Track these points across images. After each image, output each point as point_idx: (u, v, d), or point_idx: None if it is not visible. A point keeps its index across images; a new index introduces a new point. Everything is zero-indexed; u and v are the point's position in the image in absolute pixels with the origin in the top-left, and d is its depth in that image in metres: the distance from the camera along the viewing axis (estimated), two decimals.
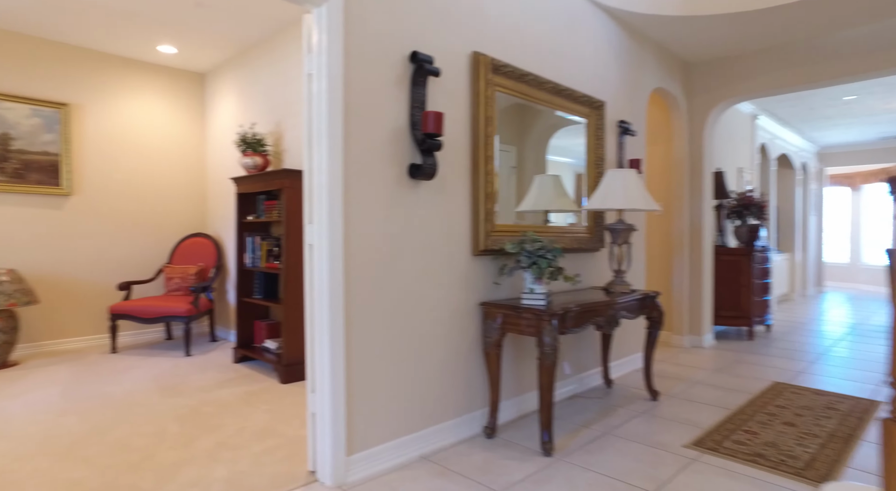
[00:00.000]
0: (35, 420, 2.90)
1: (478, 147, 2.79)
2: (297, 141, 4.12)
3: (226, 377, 3.73)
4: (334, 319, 2.19)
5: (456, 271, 2.70)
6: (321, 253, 2.21)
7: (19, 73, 4.32)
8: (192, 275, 4.77)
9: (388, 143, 2.41)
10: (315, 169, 2.26)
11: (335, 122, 2.20)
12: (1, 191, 4.23)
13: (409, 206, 2.49)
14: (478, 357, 2.81)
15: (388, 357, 2.40)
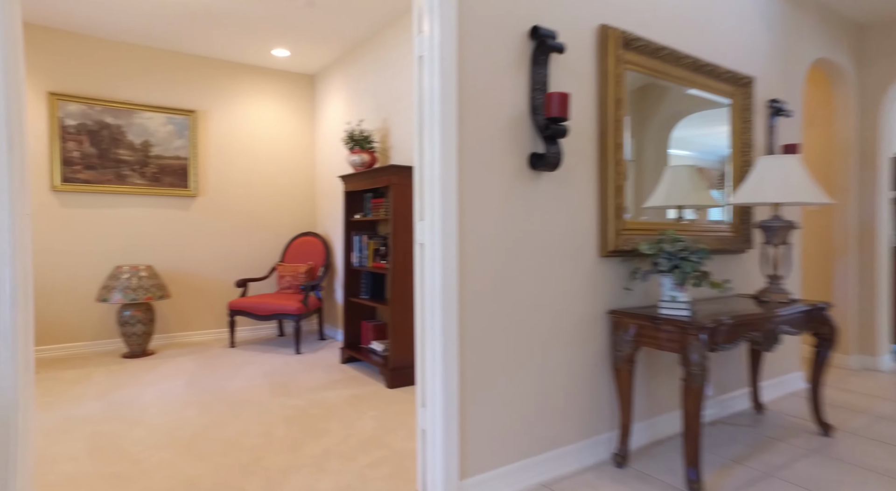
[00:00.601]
0: (164, 410, 3.01)
1: (606, 133, 2.44)
2: (405, 137, 4.00)
3: (333, 378, 3.69)
4: (447, 327, 1.97)
5: (581, 274, 2.37)
6: (433, 253, 2.00)
7: (157, 84, 4.64)
8: (302, 273, 4.86)
9: (505, 130, 2.15)
10: (426, 161, 2.05)
11: (448, 108, 1.98)
12: (142, 193, 4.57)
13: (529, 200, 2.21)
14: (605, 372, 2.46)
15: (504, 370, 2.14)
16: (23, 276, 1.31)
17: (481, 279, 2.08)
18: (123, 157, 4.51)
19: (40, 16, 3.94)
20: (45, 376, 3.70)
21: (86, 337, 4.38)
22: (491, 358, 2.10)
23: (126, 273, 4.11)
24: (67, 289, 4.31)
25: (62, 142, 4.26)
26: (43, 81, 4.20)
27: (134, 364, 4.02)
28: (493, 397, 2.11)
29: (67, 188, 4.27)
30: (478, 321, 2.07)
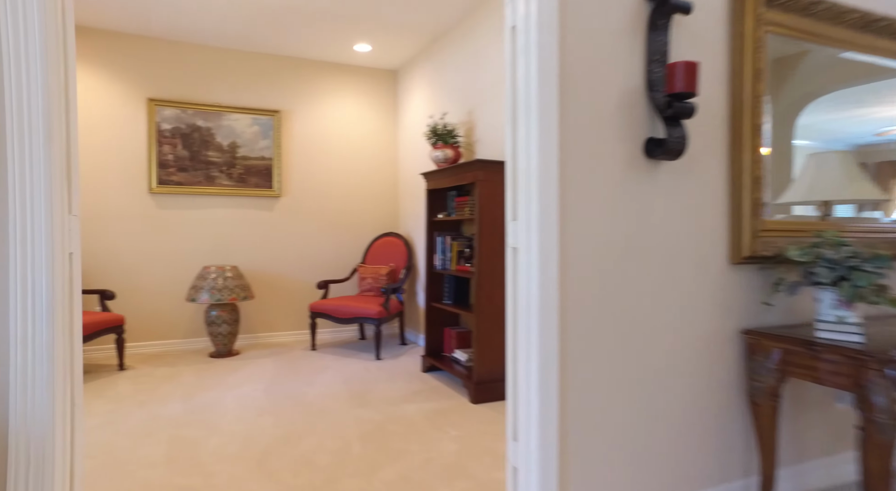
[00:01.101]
0: (240, 417, 2.92)
1: (741, 113, 1.99)
2: (493, 129, 3.69)
3: (413, 389, 3.46)
4: (545, 349, 1.64)
5: (707, 285, 1.94)
6: (529, 259, 1.68)
7: (244, 86, 4.68)
8: (383, 275, 4.70)
9: (615, 112, 1.78)
10: (520, 151, 1.73)
11: (547, 87, 1.65)
12: (228, 194, 4.63)
13: (644, 195, 1.82)
14: (737, 406, 2.00)
15: (612, 400, 1.77)
16: (62, 286, 1.15)
17: (586, 291, 1.72)
18: (212, 158, 4.58)
19: (141, 26, 4.06)
20: (140, 372, 3.79)
21: (178, 335, 4.50)
22: (596, 385, 1.74)
23: (213, 273, 4.15)
24: (162, 288, 4.44)
25: (158, 145, 4.39)
26: (143, 88, 4.35)
27: (219, 364, 4.04)
28: (599, 432, 1.75)
29: (162, 190, 4.40)
30: (581, 341, 1.72)
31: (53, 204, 1.12)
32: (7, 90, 1.09)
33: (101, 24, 4.08)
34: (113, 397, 3.25)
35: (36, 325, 1.09)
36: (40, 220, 1.10)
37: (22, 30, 1.09)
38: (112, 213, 4.28)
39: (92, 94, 4.20)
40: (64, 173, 1.20)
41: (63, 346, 1.16)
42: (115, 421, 2.87)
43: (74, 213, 1.25)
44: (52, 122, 1.12)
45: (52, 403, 1.12)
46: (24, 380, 1.10)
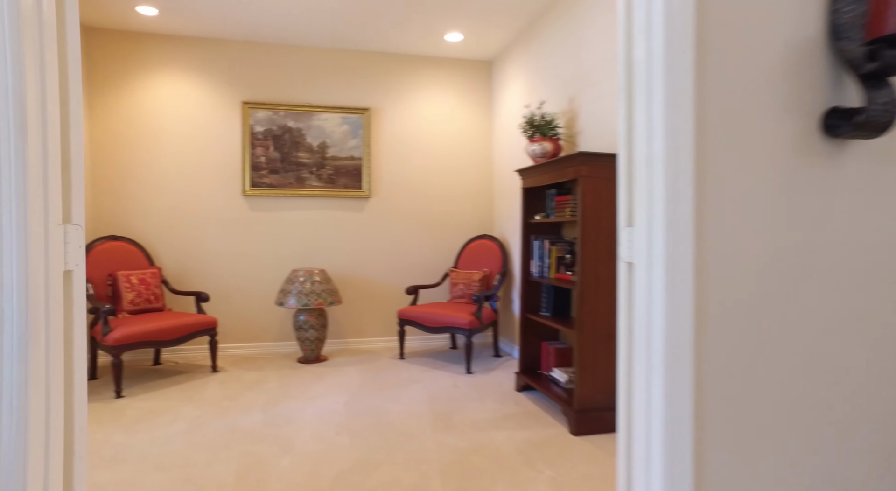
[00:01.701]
0: (318, 435, 2.72)
1: None
2: (597, 118, 3.20)
3: (505, 411, 3.07)
4: (673, 401, 1.18)
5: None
6: (649, 278, 1.23)
7: (332, 85, 4.57)
8: (476, 281, 4.35)
9: (778, 75, 1.27)
10: (638, 136, 1.29)
11: (677, 45, 1.19)
12: (318, 195, 4.54)
13: (824, 189, 1.29)
14: None
15: (775, 471, 1.26)
16: (45, 311, 0.92)
17: (734, 323, 1.24)
18: (302, 159, 4.52)
19: (234, 31, 4.07)
20: (230, 375, 3.77)
21: (269, 338, 4.48)
22: (750, 453, 1.25)
23: (301, 277, 4.05)
24: (253, 290, 4.45)
25: (252, 148, 4.41)
26: (238, 92, 4.38)
27: (305, 371, 3.93)
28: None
29: (254, 193, 4.40)
30: (727, 391, 1.24)
31: (31, 213, 0.89)
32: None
33: (198, 33, 4.15)
34: (200, 402, 3.22)
35: (4, 365, 0.86)
36: (12, 231, 0.86)
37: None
38: (209, 215, 4.36)
39: (191, 101, 4.29)
40: (57, 178, 0.97)
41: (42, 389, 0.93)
42: (198, 429, 2.79)
43: (76, 222, 1.02)
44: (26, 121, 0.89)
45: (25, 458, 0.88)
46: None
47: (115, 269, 3.85)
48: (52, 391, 0.94)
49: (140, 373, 3.87)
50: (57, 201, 0.97)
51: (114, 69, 4.15)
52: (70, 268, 1.01)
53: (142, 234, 4.22)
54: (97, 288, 3.71)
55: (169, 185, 4.27)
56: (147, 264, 4.06)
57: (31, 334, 0.88)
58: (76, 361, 1.02)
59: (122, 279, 3.75)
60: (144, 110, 4.22)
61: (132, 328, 3.34)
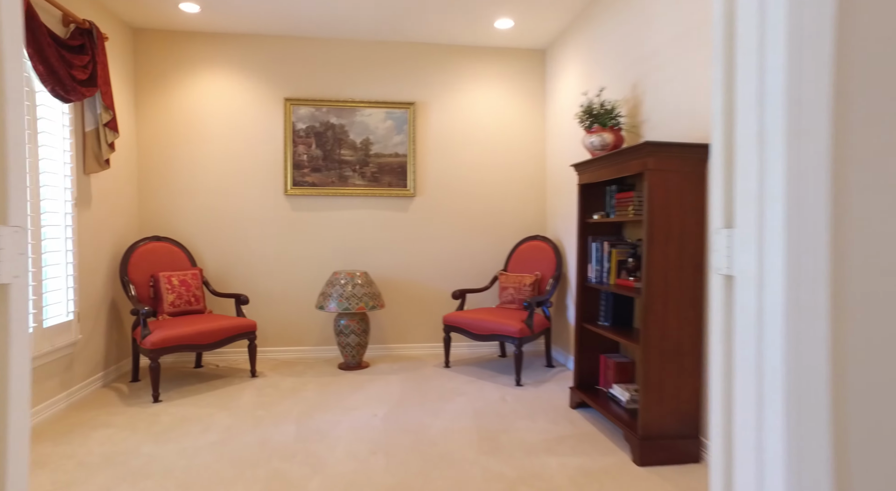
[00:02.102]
0: (351, 453, 2.50)
1: None
2: (665, 104, 2.82)
3: (558, 432, 2.75)
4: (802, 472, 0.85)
5: None
6: (759, 299, 0.91)
7: (376, 79, 4.37)
8: (527, 286, 4.03)
9: None
10: (742, 104, 0.97)
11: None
12: (361, 194, 4.36)
13: None
14: None
15: None
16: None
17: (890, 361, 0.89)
18: (345, 157, 4.34)
19: (275, 25, 3.95)
20: (268, 381, 3.64)
21: (310, 342, 4.34)
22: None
23: (342, 279, 3.87)
24: (294, 292, 4.31)
25: (294, 146, 4.27)
26: (280, 88, 4.26)
27: (345, 378, 3.74)
28: None
29: (296, 192, 4.27)
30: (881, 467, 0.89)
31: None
32: None
33: (239, 29, 4.05)
34: (235, 409, 3.08)
35: None
36: None
37: None
38: (251, 215, 4.26)
39: (234, 99, 4.21)
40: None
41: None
42: (228, 440, 2.64)
43: (15, 223, 0.81)
44: None
45: None
46: None
47: (158, 270, 3.80)
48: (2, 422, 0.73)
49: (181, 376, 3.80)
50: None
51: (160, 69, 4.12)
52: (6, 280, 0.80)
53: (184, 235, 4.18)
54: (139, 289, 3.66)
55: (211, 185, 4.20)
56: (189, 265, 4.00)
57: None
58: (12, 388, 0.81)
59: (164, 280, 3.69)
60: (188, 109, 4.16)
61: (170, 332, 3.25)
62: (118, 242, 3.82)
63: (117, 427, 2.83)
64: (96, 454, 2.49)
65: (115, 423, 2.89)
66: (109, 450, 2.54)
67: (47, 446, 2.59)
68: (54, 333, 3.03)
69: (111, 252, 3.72)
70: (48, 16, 3.01)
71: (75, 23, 3.16)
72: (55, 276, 3.05)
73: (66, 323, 3.15)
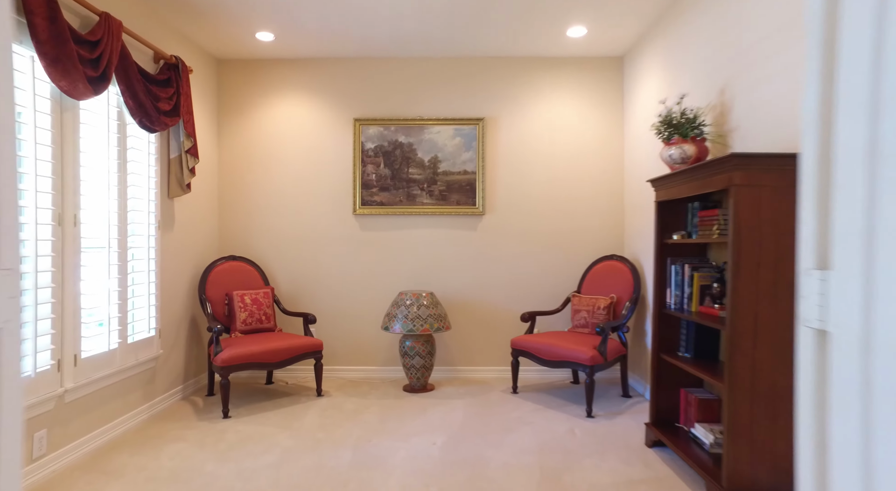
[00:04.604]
0: (403, 486, 2.40)
1: None
2: (758, 109, 2.51)
3: (630, 475, 2.47)
4: None
5: None
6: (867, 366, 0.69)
7: (444, 96, 4.33)
8: (601, 309, 3.76)
9: None
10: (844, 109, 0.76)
11: None
12: (429, 213, 4.31)
13: None
14: None
15: None
16: None
17: None
18: (413, 175, 4.32)
19: (343, 49, 4.03)
20: (333, 401, 3.64)
21: (377, 362, 4.32)
22: None
23: (408, 300, 3.82)
24: (361, 312, 4.32)
25: (363, 165, 4.32)
26: (350, 109, 4.34)
27: (409, 401, 3.66)
28: None
29: (365, 211, 4.30)
30: None
31: None
32: None
33: (310, 54, 4.17)
34: (297, 430, 3.09)
35: None
36: None
37: None
38: (321, 235, 4.34)
39: (306, 121, 4.34)
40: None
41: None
42: (285, 463, 2.63)
43: (6, 266, 0.78)
44: None
45: None
46: None
47: (233, 288, 3.96)
48: None
49: (252, 392, 3.91)
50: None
51: (239, 96, 4.34)
52: None
53: (259, 254, 4.33)
54: (214, 307, 3.83)
55: (285, 205, 4.34)
56: (262, 284, 4.14)
57: None
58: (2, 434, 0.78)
59: (237, 299, 3.83)
60: (264, 133, 4.35)
61: (240, 350, 3.35)
62: (198, 262, 4.03)
63: (188, 442, 2.92)
64: (166, 469, 2.58)
65: (186, 437, 3.00)
66: (178, 465, 2.62)
67: (125, 457, 2.72)
68: (139, 348, 3.21)
69: (192, 271, 3.92)
70: (140, 54, 3.24)
71: (163, 58, 3.39)
72: (140, 294, 3.25)
73: (150, 338, 3.33)
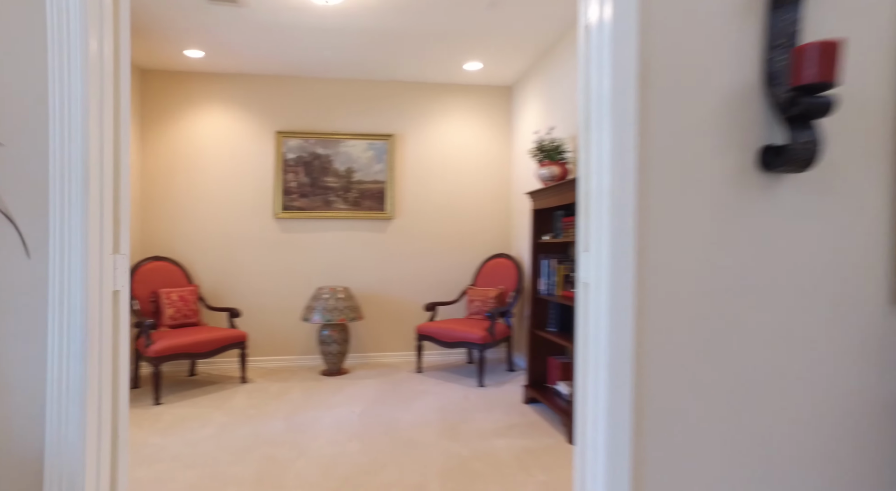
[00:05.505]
0: (332, 440, 2.94)
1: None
2: None
3: (509, 422, 3.22)
4: (615, 403, 1.35)
5: (854, 335, 1.47)
6: (598, 297, 1.41)
7: (359, 113, 4.89)
8: (491, 298, 4.53)
9: (718, 115, 1.43)
10: (592, 170, 1.48)
11: (624, 91, 1.38)
12: (344, 217, 4.83)
13: (760, 218, 1.44)
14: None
15: (709, 475, 1.40)
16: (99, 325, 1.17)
17: (674, 338, 1.39)
18: (330, 184, 4.83)
19: (270, 67, 4.45)
20: (257, 386, 4.05)
21: (296, 351, 4.77)
22: (687, 452, 1.39)
23: (326, 294, 4.32)
24: (282, 306, 4.75)
25: (284, 174, 4.75)
26: (273, 122, 4.75)
27: (327, 383, 4.17)
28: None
29: (286, 215, 4.73)
30: (667, 398, 1.39)
31: (90, 245, 1.15)
32: (52, 144, 1.14)
33: (238, 70, 4.54)
34: (229, 410, 3.49)
35: (71, 365, 1.12)
36: (77, 261, 1.13)
37: (67, 90, 1.14)
38: (243, 237, 4.70)
39: (231, 132, 4.68)
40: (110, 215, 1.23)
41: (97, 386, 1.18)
42: (224, 434, 3.05)
43: (123, 252, 1.28)
44: (89, 168, 1.16)
45: (83, 442, 1.14)
46: (58, 419, 1.13)
47: (158, 287, 4.21)
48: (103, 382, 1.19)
49: (177, 383, 4.20)
50: (109, 236, 1.23)
51: (164, 106, 4.58)
52: (118, 288, 1.27)
53: (183, 255, 4.60)
54: (142, 304, 4.07)
55: (208, 210, 4.65)
56: (186, 282, 4.42)
57: (90, 338, 1.13)
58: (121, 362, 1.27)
59: (164, 296, 4.10)
60: (189, 142, 4.62)
61: (171, 341, 3.66)
62: None
63: None
64: None
65: None
66: None
67: None
68: None
69: None
70: None
71: None
72: None
73: None
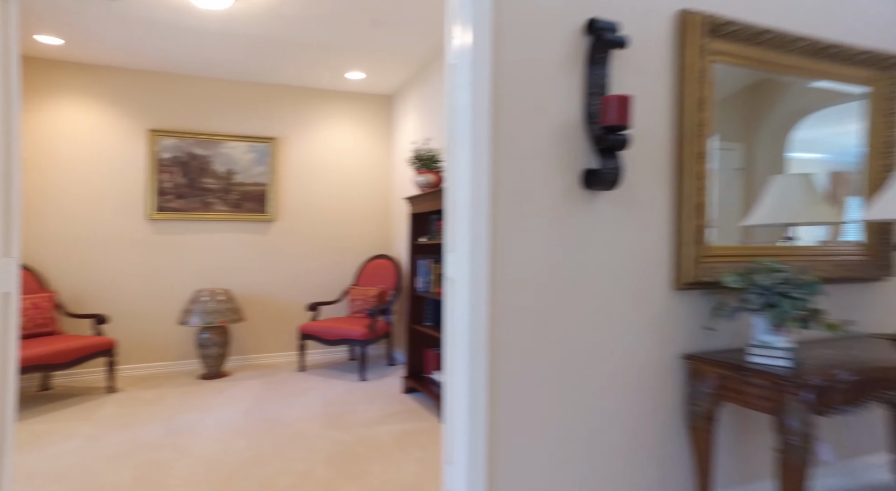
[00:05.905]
0: (217, 439, 2.99)
1: (683, 141, 2.04)
2: None
3: (390, 410, 3.49)
4: (474, 378, 1.68)
5: (647, 312, 1.97)
6: (461, 291, 1.74)
7: (241, 115, 4.86)
8: (372, 297, 4.77)
9: (553, 144, 1.84)
10: (456, 182, 1.81)
11: (480, 120, 1.73)
12: (224, 219, 4.77)
13: (583, 225, 1.88)
14: (678, 430, 2.01)
15: (547, 428, 1.80)
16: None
17: (519, 321, 1.77)
18: (209, 185, 4.74)
19: (142, 61, 4.27)
20: (128, 395, 3.88)
21: (170, 357, 4.60)
22: (531, 413, 1.78)
23: (205, 297, 4.26)
24: (157, 311, 4.56)
25: (158, 173, 4.57)
26: (144, 120, 4.55)
27: (207, 386, 4.12)
28: (533, 460, 1.77)
29: (160, 217, 4.56)
30: (515, 370, 1.76)
31: None
32: None
33: (103, 62, 4.30)
34: (97, 420, 3.34)
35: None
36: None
37: None
38: (110, 239, 4.44)
39: (95, 128, 4.40)
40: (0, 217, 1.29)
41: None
42: (93, 444, 2.95)
43: (13, 255, 1.34)
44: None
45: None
46: None
47: None
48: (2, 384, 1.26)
49: (27, 399, 3.87)
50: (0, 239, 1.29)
51: None
52: (8, 290, 1.33)
53: (36, 259, 4.23)
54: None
55: (68, 210, 4.33)
56: (39, 288, 4.09)
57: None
58: (9, 364, 1.33)
59: None
60: (43, 136, 4.27)
61: (21, 353, 3.40)
62: None
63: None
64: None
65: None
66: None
67: None
68: None
69: None
70: None
71: None
72: None
73: None
